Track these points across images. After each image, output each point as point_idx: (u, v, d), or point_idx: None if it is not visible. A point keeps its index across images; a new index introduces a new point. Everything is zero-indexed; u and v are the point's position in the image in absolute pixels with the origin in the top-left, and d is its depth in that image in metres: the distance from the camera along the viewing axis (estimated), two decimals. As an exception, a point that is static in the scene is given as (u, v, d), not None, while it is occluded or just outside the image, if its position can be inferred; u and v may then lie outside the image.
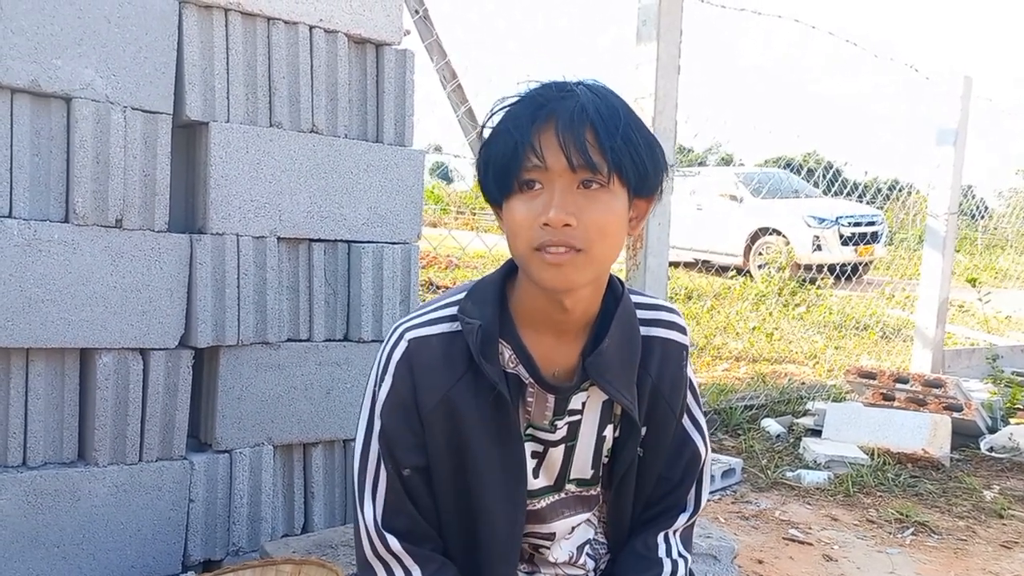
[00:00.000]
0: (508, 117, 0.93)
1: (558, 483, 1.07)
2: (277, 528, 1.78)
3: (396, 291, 1.92)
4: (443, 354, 0.98)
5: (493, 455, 1.00)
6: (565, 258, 0.89)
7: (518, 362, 0.99)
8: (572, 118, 0.89)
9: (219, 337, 1.67)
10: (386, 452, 1.00)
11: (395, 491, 1.00)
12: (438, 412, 0.98)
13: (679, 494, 1.11)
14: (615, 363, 1.00)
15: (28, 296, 1.45)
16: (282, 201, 1.74)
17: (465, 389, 0.98)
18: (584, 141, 0.88)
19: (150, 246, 1.58)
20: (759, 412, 3.61)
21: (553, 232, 0.89)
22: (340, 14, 1.81)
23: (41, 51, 1.46)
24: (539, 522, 1.08)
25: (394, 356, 0.99)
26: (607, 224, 0.90)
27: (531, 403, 1.02)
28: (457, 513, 1.02)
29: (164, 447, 1.62)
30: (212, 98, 1.66)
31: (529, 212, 0.90)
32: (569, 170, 0.89)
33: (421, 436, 0.99)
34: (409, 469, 0.99)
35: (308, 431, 1.81)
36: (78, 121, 1.50)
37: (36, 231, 1.46)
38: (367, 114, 1.90)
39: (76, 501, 1.52)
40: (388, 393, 0.99)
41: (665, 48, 2.92)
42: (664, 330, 1.07)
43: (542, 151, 0.89)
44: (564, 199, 0.89)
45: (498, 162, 0.92)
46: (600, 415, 1.05)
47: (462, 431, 0.98)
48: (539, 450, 1.05)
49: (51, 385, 1.53)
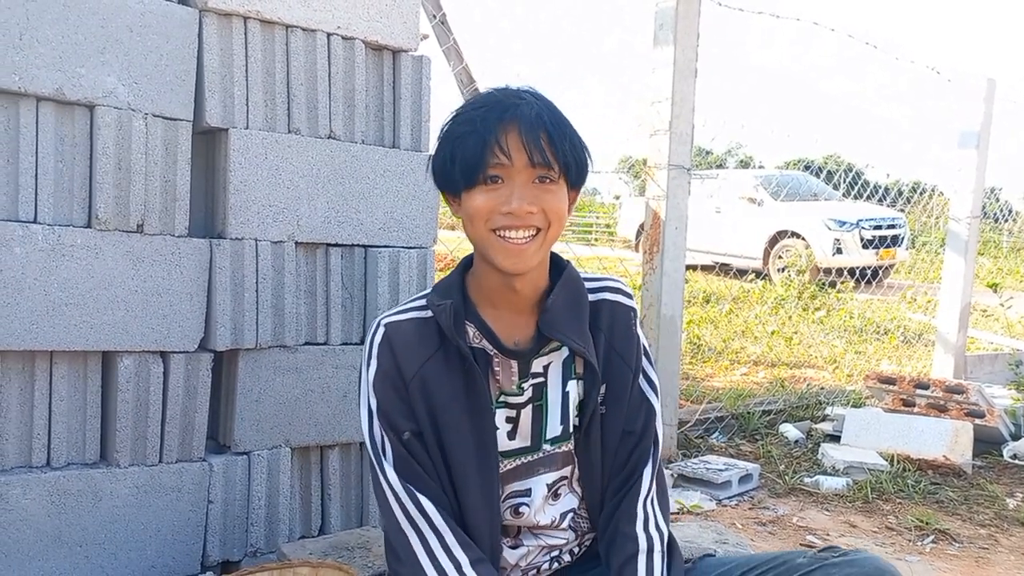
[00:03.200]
0: (473, 119, 1.06)
1: (535, 443, 1.17)
2: (294, 530, 1.80)
3: (412, 295, 1.93)
4: (416, 333, 1.12)
5: (465, 423, 1.10)
6: (524, 244, 1.06)
7: (482, 337, 1.13)
8: (532, 122, 1.04)
9: (238, 340, 1.69)
10: (385, 423, 1.11)
11: (401, 458, 1.10)
12: (416, 383, 1.10)
13: (643, 447, 1.18)
14: (564, 316, 1.13)
15: (52, 300, 1.48)
16: (300, 206, 1.77)
17: (438, 363, 1.11)
18: (542, 142, 1.04)
19: (170, 251, 1.61)
20: (777, 417, 3.59)
21: (514, 218, 1.04)
22: (358, 21, 1.83)
23: (65, 60, 1.49)
24: (515, 479, 1.17)
25: (375, 340, 1.14)
26: (560, 211, 1.08)
27: (499, 372, 1.14)
28: (442, 479, 1.11)
29: (184, 449, 1.65)
30: (231, 105, 1.68)
31: (490, 201, 1.05)
32: (529, 166, 1.05)
33: (409, 403, 1.11)
34: (408, 433, 1.10)
35: (325, 433, 1.83)
36: (101, 128, 1.53)
37: (60, 236, 1.49)
38: (384, 120, 1.92)
39: (98, 501, 1.54)
40: (376, 371, 1.12)
41: (682, 52, 2.92)
42: (611, 294, 1.21)
43: (508, 149, 1.04)
44: (525, 191, 1.05)
45: (466, 158, 1.05)
46: (562, 374, 1.16)
47: (437, 402, 1.10)
48: (512, 415, 1.15)
49: (74, 387, 1.56)
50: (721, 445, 3.23)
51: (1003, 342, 5.78)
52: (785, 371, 4.75)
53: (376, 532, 1.73)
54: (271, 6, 1.70)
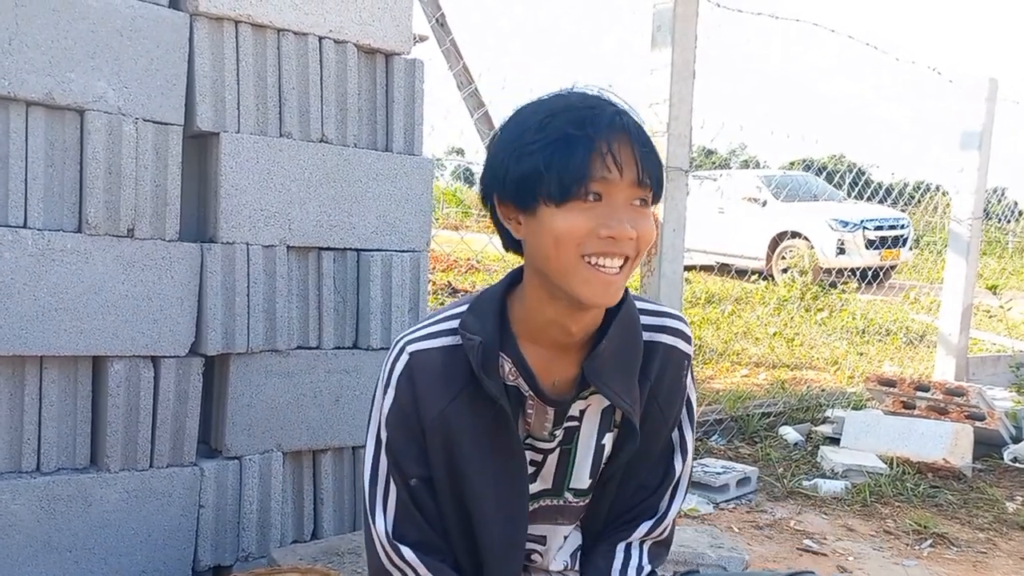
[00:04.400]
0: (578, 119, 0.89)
1: (556, 488, 1.08)
2: (286, 534, 1.80)
3: (405, 299, 1.93)
4: (443, 367, 1.00)
5: (490, 468, 1.01)
6: (617, 276, 0.91)
7: (518, 375, 1.00)
8: (638, 134, 0.90)
9: (229, 345, 1.69)
10: (392, 463, 1.02)
11: (403, 501, 1.02)
12: (438, 424, 0.99)
13: (652, 502, 1.11)
14: (613, 365, 1.00)
15: (42, 305, 1.48)
16: (292, 210, 1.76)
17: (464, 402, 0.99)
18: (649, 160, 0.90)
19: (161, 255, 1.60)
20: (777, 419, 3.57)
21: (614, 244, 0.89)
22: (350, 25, 1.82)
23: (55, 65, 1.49)
24: (532, 523, 1.09)
25: (396, 368, 1.02)
26: (651, 239, 0.93)
27: (531, 415, 1.03)
28: (459, 524, 1.03)
29: (175, 453, 1.64)
30: (223, 109, 1.68)
31: (588, 221, 0.89)
32: (635, 184, 0.90)
33: (424, 447, 1.01)
34: (415, 479, 1.01)
35: (317, 438, 1.82)
36: (91, 133, 1.53)
37: (50, 241, 1.49)
38: (376, 123, 1.92)
39: (88, 506, 1.54)
40: (391, 405, 1.02)
41: (680, 54, 2.91)
42: (668, 336, 1.07)
43: (621, 161, 0.88)
44: (625, 213, 0.90)
45: (568, 167, 0.88)
46: (600, 423, 1.06)
47: (460, 443, 1.00)
48: (537, 459, 1.06)
49: (64, 392, 1.56)
50: (720, 448, 3.22)
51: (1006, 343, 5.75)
52: (786, 373, 4.73)
53: (367, 537, 1.73)
54: (262, 10, 1.70)
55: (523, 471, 1.03)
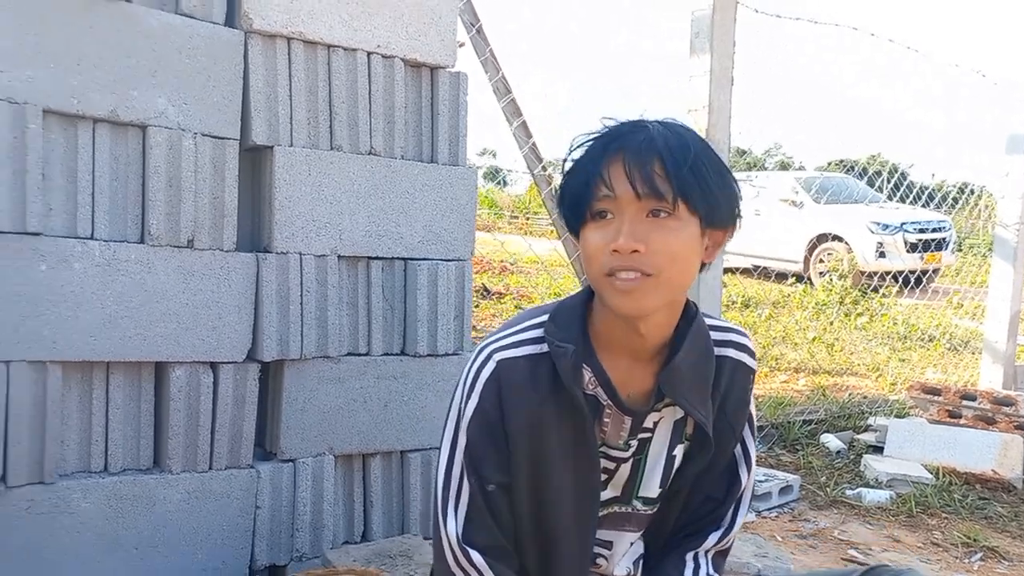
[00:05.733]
0: (584, 152, 0.99)
1: (625, 495, 1.11)
2: (338, 536, 1.85)
3: (450, 307, 1.97)
4: (529, 375, 1.03)
5: (569, 475, 1.04)
6: (634, 284, 0.94)
7: (597, 384, 1.04)
8: (640, 149, 0.94)
9: (283, 351, 1.74)
10: (471, 468, 1.05)
11: (477, 506, 1.05)
12: (523, 431, 1.03)
13: (719, 513, 1.15)
14: (688, 378, 1.04)
15: (108, 313, 1.55)
16: (342, 221, 1.81)
17: (549, 410, 1.03)
18: (651, 170, 0.93)
19: (219, 265, 1.66)
20: (818, 427, 3.54)
21: (622, 258, 0.94)
22: (397, 40, 1.87)
23: (119, 83, 1.56)
24: (600, 528, 1.12)
25: (482, 375, 1.04)
26: (676, 250, 0.95)
27: (607, 423, 1.06)
28: (533, 530, 1.06)
29: (232, 456, 1.70)
30: (276, 123, 1.74)
31: (601, 239, 0.96)
32: (635, 198, 0.94)
33: (506, 454, 1.04)
34: (493, 485, 1.04)
35: (367, 442, 1.87)
36: (152, 148, 1.60)
37: (115, 252, 1.56)
38: (422, 135, 1.96)
39: (152, 506, 1.61)
40: (475, 411, 1.04)
41: (718, 60, 2.91)
42: (735, 351, 1.11)
43: (611, 181, 0.95)
44: (632, 227, 0.94)
45: (572, 193, 0.98)
46: (671, 434, 1.09)
47: (544, 450, 1.03)
48: (610, 467, 1.09)
49: (129, 396, 1.62)
50: (760, 455, 3.20)
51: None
52: (827, 379, 4.68)
53: (417, 540, 1.77)
54: (314, 27, 1.76)
55: (598, 478, 1.06)
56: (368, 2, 1.82)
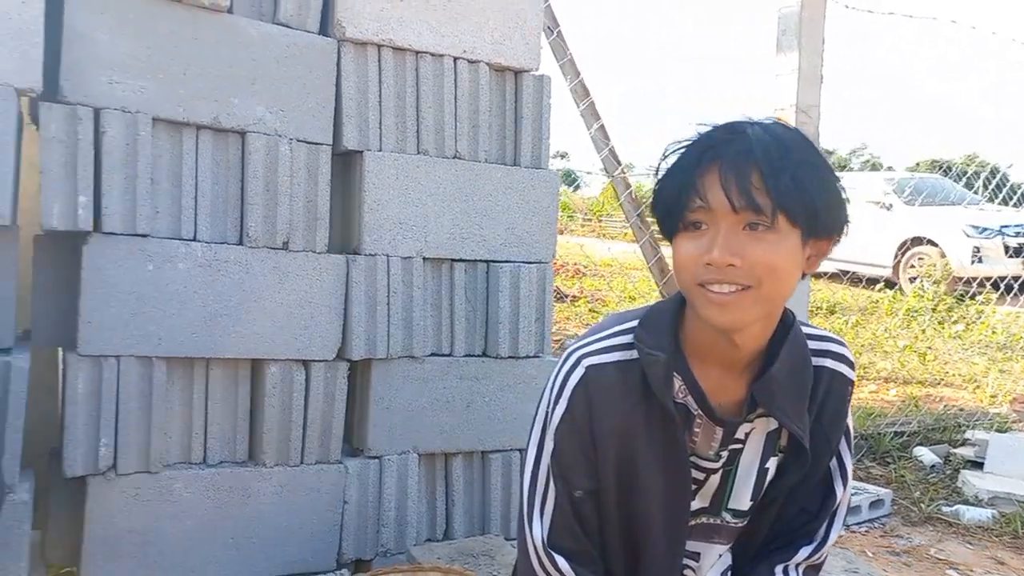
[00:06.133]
0: (677, 160, 0.97)
1: (714, 507, 1.09)
2: (421, 533, 1.88)
3: (532, 309, 1.97)
4: (619, 382, 1.02)
5: (659, 482, 1.03)
6: (729, 297, 0.92)
7: (687, 393, 1.02)
8: (736, 160, 0.91)
9: (371, 350, 1.78)
10: (557, 473, 1.04)
11: (563, 511, 1.04)
12: (612, 438, 1.01)
13: (812, 527, 1.11)
14: (784, 389, 1.01)
15: (209, 311, 1.62)
16: (427, 223, 1.85)
17: (639, 417, 1.01)
18: (748, 182, 0.89)
19: (312, 266, 1.72)
20: (911, 439, 3.37)
21: (716, 271, 0.91)
22: (482, 45, 1.89)
23: (221, 92, 1.63)
24: (689, 538, 1.10)
25: (571, 381, 1.03)
26: (774, 264, 0.91)
27: (697, 433, 1.04)
28: (621, 536, 1.05)
29: (322, 451, 1.75)
30: (366, 129, 1.78)
31: (694, 250, 0.93)
32: (731, 211, 0.91)
33: (593, 460, 1.03)
34: (581, 491, 1.03)
35: (449, 441, 1.90)
36: (251, 153, 1.67)
37: (216, 253, 1.63)
38: (505, 138, 1.98)
39: (247, 498, 1.67)
40: (563, 416, 1.03)
41: (807, 58, 2.82)
42: (833, 362, 1.08)
43: (705, 193, 0.92)
44: (728, 239, 0.91)
45: (666, 202, 0.96)
46: (764, 446, 1.07)
47: (633, 457, 1.02)
48: (699, 477, 1.07)
49: (227, 392, 1.70)
50: (849, 466, 3.08)
51: None
52: (919, 390, 4.46)
53: (499, 540, 1.78)
54: (403, 34, 1.80)
55: (688, 487, 1.05)
56: (455, 8, 1.85)
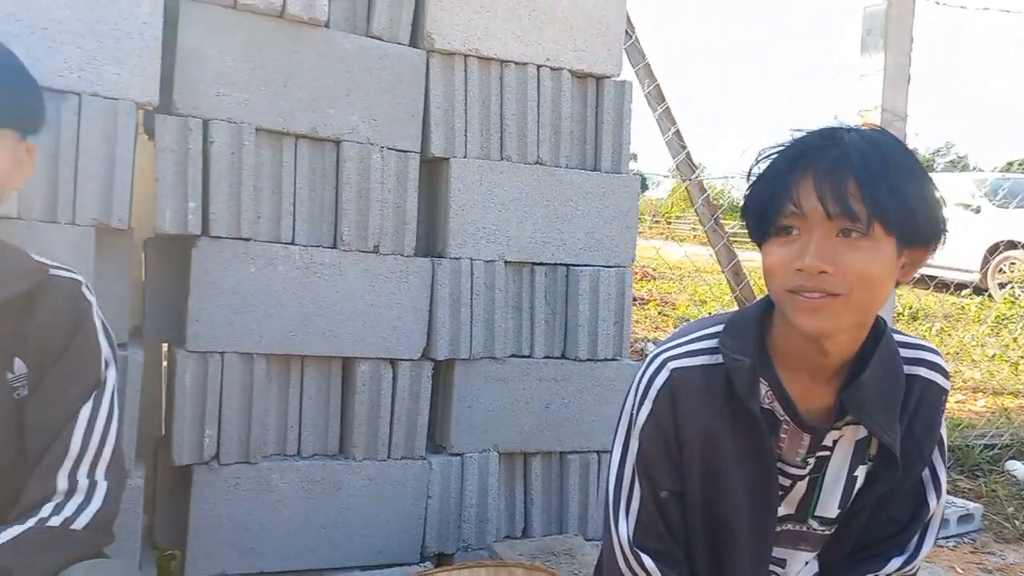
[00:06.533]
0: (770, 165, 0.96)
1: (800, 513, 1.09)
2: (500, 530, 1.92)
3: (611, 312, 1.99)
4: (704, 386, 1.03)
5: (744, 487, 1.04)
6: (820, 302, 0.91)
7: (774, 399, 1.03)
8: (832, 166, 0.90)
9: (454, 351, 1.84)
10: (643, 473, 1.06)
11: (648, 511, 1.06)
12: (696, 442, 1.03)
13: (903, 537, 1.09)
14: (874, 397, 1.00)
15: (305, 311, 1.71)
16: (509, 228, 1.89)
17: (723, 421, 1.02)
18: (844, 190, 0.89)
19: (400, 269, 1.79)
20: (1002, 452, 3.23)
21: (807, 277, 0.91)
22: (565, 52, 1.93)
23: (318, 102, 1.72)
24: (775, 545, 1.10)
25: (655, 383, 1.05)
26: (868, 272, 0.90)
27: (784, 439, 1.05)
28: (705, 540, 1.07)
29: (408, 447, 1.82)
30: (452, 136, 1.84)
31: (785, 256, 0.93)
32: (825, 218, 0.90)
33: (678, 462, 1.05)
34: (666, 492, 1.05)
35: (528, 442, 1.94)
36: (345, 161, 1.74)
37: (312, 256, 1.71)
38: (586, 144, 2.00)
39: (338, 490, 1.75)
40: (647, 418, 1.05)
41: (893, 58, 2.75)
42: (926, 370, 1.07)
43: (799, 199, 0.91)
44: (821, 246, 0.90)
45: (757, 207, 0.96)
46: (852, 454, 1.06)
47: (718, 461, 1.03)
48: (785, 484, 1.07)
49: (320, 388, 1.78)
50: (934, 479, 2.97)
51: None
52: (1011, 401, 4.26)
53: (579, 540, 1.81)
54: (488, 44, 1.84)
55: (774, 493, 1.05)
56: (539, 17, 1.89)
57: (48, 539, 0.98)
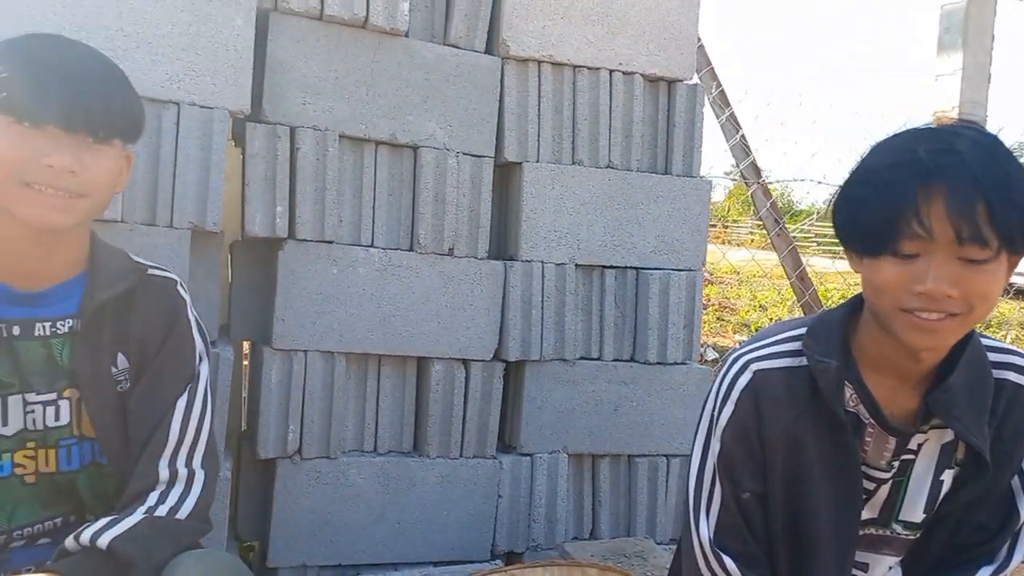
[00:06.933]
0: (886, 176, 0.91)
1: (883, 517, 1.09)
2: (569, 531, 1.94)
3: (680, 316, 1.99)
4: (786, 388, 1.04)
5: (827, 489, 1.04)
6: (938, 324, 0.90)
7: (858, 401, 1.03)
8: (964, 190, 0.86)
9: (525, 352, 1.87)
10: (724, 474, 1.07)
11: (729, 511, 1.07)
12: (779, 443, 1.04)
13: (992, 546, 1.07)
14: (962, 401, 1.00)
15: (383, 312, 1.76)
16: (580, 231, 1.91)
17: (806, 422, 1.03)
18: (975, 215, 0.86)
19: (474, 271, 1.83)
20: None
21: (929, 300, 0.89)
22: (638, 57, 1.94)
23: (398, 110, 1.77)
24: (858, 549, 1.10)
25: (738, 384, 1.06)
26: (989, 292, 0.90)
27: (868, 443, 1.05)
28: (786, 542, 1.07)
29: (479, 446, 1.86)
30: (525, 141, 1.87)
31: (902, 276, 0.90)
32: (955, 243, 0.87)
33: (761, 463, 1.05)
34: (748, 493, 1.06)
35: (597, 443, 1.95)
36: (422, 167, 1.79)
37: (390, 258, 1.77)
38: (657, 147, 2.01)
39: (412, 486, 1.80)
40: (730, 419, 1.06)
41: (973, 56, 2.68)
42: (1016, 375, 1.05)
43: (930, 223, 0.87)
44: (947, 270, 0.88)
45: (871, 226, 0.92)
46: (938, 458, 1.05)
47: (801, 463, 1.04)
48: (869, 487, 1.07)
49: (395, 386, 1.83)
50: None
51: None
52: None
53: (650, 543, 1.81)
54: (562, 50, 1.87)
55: (859, 497, 1.05)
56: (613, 23, 1.90)
57: (160, 529, 1.04)
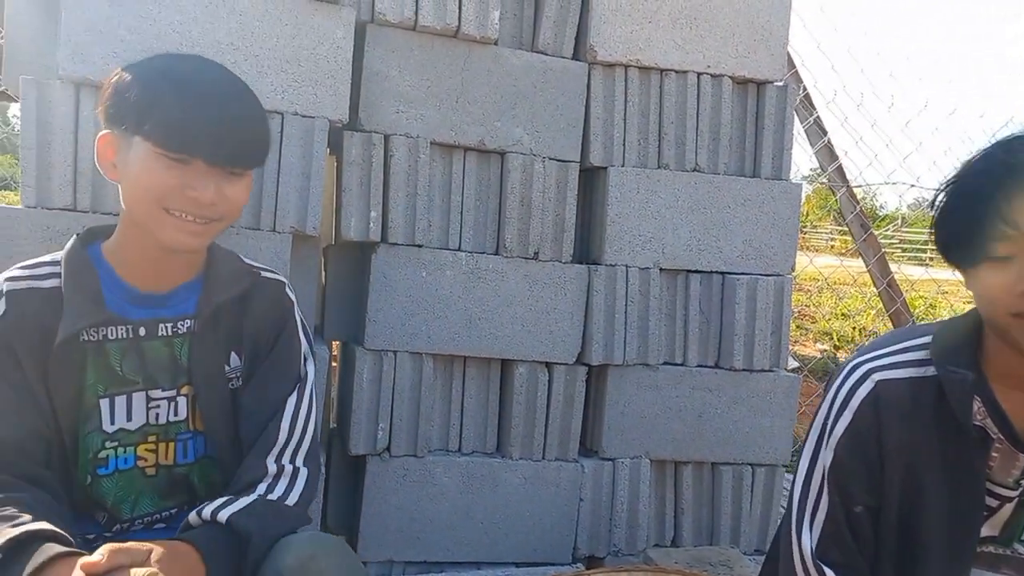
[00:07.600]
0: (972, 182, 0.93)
1: (1004, 537, 1.05)
2: (650, 537, 1.93)
3: (768, 322, 1.96)
4: (910, 398, 1.01)
5: (945, 504, 1.01)
6: None
7: (987, 416, 0.99)
8: None
9: (608, 357, 1.87)
10: (835, 485, 1.04)
11: (835, 523, 1.04)
12: (900, 456, 1.01)
13: None
14: None
15: (469, 314, 1.79)
16: (665, 235, 1.90)
17: (930, 436, 1.00)
18: None
19: (558, 275, 1.84)
20: None
21: None
22: (726, 59, 1.91)
23: (486, 116, 1.80)
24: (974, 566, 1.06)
25: (857, 394, 1.03)
26: None
27: (995, 458, 1.01)
28: (896, 556, 1.04)
29: (561, 449, 1.87)
30: (611, 146, 1.87)
31: (1005, 281, 0.90)
32: None
33: (877, 476, 1.03)
34: (860, 507, 1.03)
35: (680, 450, 1.93)
36: (509, 172, 1.82)
37: (477, 262, 1.80)
38: (745, 150, 1.98)
39: (495, 487, 1.82)
40: (847, 429, 1.03)
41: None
42: None
43: (1016, 221, 0.88)
44: None
45: (964, 231, 0.93)
46: None
47: (920, 477, 1.01)
48: (992, 504, 1.04)
49: (480, 388, 1.86)
50: None
51: None
52: None
53: (735, 552, 1.79)
54: (649, 54, 1.86)
55: (979, 513, 1.02)
56: (701, 25, 1.89)
57: (273, 509, 1.10)
